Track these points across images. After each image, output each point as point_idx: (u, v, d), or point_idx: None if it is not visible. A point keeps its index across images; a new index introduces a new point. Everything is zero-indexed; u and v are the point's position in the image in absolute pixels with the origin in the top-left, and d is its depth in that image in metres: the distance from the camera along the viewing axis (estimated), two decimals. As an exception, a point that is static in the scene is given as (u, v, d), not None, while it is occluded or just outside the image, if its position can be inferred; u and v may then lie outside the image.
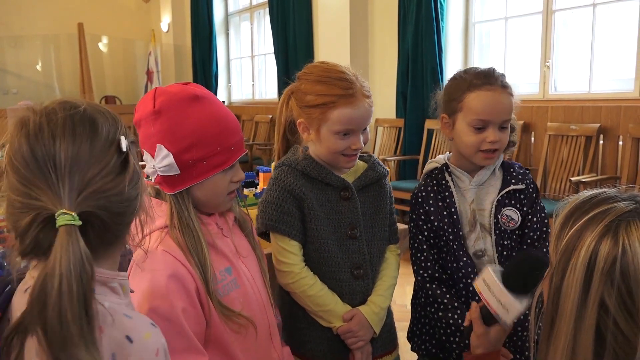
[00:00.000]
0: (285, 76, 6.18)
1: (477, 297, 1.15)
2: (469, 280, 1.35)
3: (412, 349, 1.51)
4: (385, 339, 1.43)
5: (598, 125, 3.62)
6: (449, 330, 1.35)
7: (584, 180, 3.38)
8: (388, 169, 1.47)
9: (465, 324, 1.17)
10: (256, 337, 1.15)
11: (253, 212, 1.47)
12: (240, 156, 1.15)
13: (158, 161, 1.07)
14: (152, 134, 1.08)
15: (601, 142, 3.65)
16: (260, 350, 1.19)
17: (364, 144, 1.33)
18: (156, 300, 1.01)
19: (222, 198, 1.15)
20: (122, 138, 0.75)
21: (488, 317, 1.12)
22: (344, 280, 1.37)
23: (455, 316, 1.34)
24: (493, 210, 1.37)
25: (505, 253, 1.37)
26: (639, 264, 0.71)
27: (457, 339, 1.34)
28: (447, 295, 1.36)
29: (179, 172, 1.08)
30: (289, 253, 1.34)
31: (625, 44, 3.69)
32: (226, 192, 1.15)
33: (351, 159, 1.34)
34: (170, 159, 1.06)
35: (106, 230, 0.72)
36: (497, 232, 1.36)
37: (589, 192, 0.82)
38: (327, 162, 1.37)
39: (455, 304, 1.35)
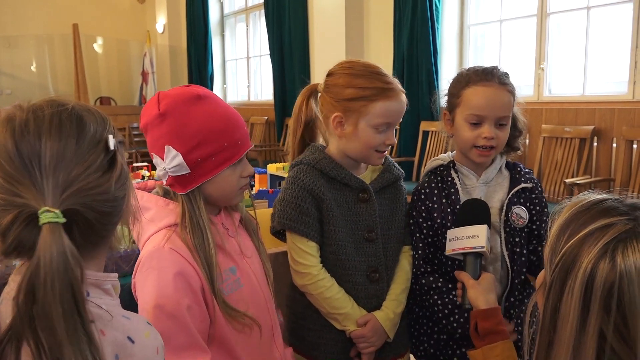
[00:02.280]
0: (280, 78, 6.22)
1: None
2: None
3: (410, 351, 1.51)
4: (397, 343, 1.42)
5: (592, 127, 3.64)
6: (446, 311, 1.36)
7: (578, 182, 3.40)
8: (403, 171, 1.47)
9: (458, 293, 1.27)
10: (260, 336, 1.16)
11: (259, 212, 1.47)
12: (247, 150, 1.16)
13: (167, 162, 1.09)
14: (160, 137, 1.10)
15: (595, 144, 3.67)
16: (262, 350, 1.20)
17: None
18: (162, 298, 1.02)
19: (233, 193, 1.17)
20: (110, 137, 0.73)
21: (471, 265, 1.24)
22: (360, 284, 1.36)
23: (451, 296, 1.35)
24: (504, 209, 1.38)
25: (517, 250, 1.38)
26: (635, 291, 0.71)
27: (456, 317, 1.35)
28: (441, 280, 1.38)
29: (189, 171, 1.09)
30: (306, 254, 1.33)
31: (618, 46, 3.71)
32: (237, 188, 1.17)
33: (383, 155, 1.35)
34: (180, 158, 1.08)
35: (91, 230, 0.70)
36: (507, 229, 1.37)
37: (586, 200, 0.80)
38: (358, 158, 1.36)
39: (450, 286, 1.36)
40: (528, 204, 1.41)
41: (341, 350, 1.37)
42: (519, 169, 1.45)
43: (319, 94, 1.38)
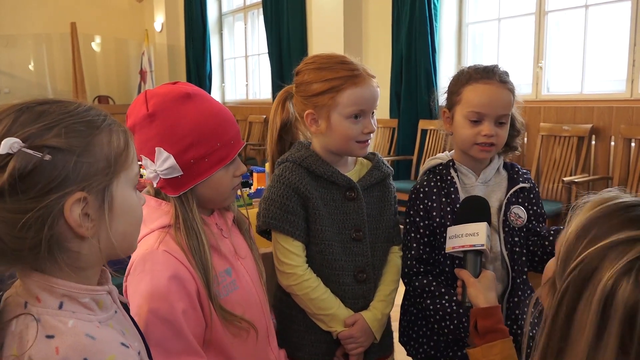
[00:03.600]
0: (279, 76, 6.21)
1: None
2: None
3: (409, 354, 1.49)
4: (382, 344, 1.40)
5: (590, 125, 3.64)
6: (437, 316, 1.34)
7: (576, 180, 3.40)
8: (392, 169, 1.44)
9: (458, 291, 1.26)
10: (257, 339, 1.15)
11: (251, 212, 1.46)
12: (240, 149, 1.13)
13: (159, 164, 1.05)
14: (150, 138, 1.06)
15: (593, 142, 3.67)
16: (258, 352, 1.18)
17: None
18: (156, 302, 1.00)
19: (226, 194, 1.14)
20: (5, 141, 0.67)
21: (471, 263, 1.23)
22: (347, 284, 1.33)
23: (443, 301, 1.34)
24: (503, 208, 1.38)
25: (516, 249, 1.38)
26: None
27: (447, 322, 1.34)
28: (434, 283, 1.37)
29: (182, 173, 1.06)
30: (292, 254, 1.30)
31: (617, 44, 3.72)
32: (230, 187, 1.14)
33: (364, 145, 1.31)
34: (172, 160, 1.04)
35: (5, 245, 0.68)
36: (506, 229, 1.37)
37: (614, 201, 0.74)
38: (340, 152, 1.33)
39: (442, 290, 1.35)
40: (526, 204, 1.41)
41: (326, 352, 1.35)
42: (516, 169, 1.45)
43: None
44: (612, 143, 3.58)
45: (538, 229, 1.42)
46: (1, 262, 0.71)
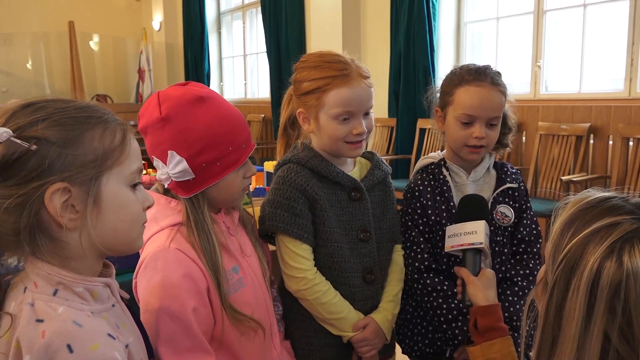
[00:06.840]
0: (277, 75, 6.22)
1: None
2: None
3: (404, 352, 1.49)
4: (386, 345, 1.38)
5: (588, 124, 3.65)
6: (450, 316, 1.35)
7: (574, 179, 3.41)
8: (390, 167, 1.43)
9: (458, 290, 1.27)
10: (264, 338, 1.15)
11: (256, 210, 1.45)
12: (251, 152, 1.14)
13: (171, 168, 1.06)
14: (162, 141, 1.07)
15: (591, 141, 3.68)
16: (264, 351, 1.19)
17: (368, 130, 1.27)
18: (167, 300, 1.01)
19: (236, 195, 1.16)
20: None
21: (470, 261, 1.24)
22: (356, 286, 1.31)
23: (456, 301, 1.34)
24: (489, 208, 1.38)
25: (497, 249, 1.39)
26: None
27: (459, 324, 1.34)
28: (446, 283, 1.37)
29: (194, 176, 1.07)
30: (301, 258, 1.26)
31: (615, 44, 3.72)
32: (240, 189, 1.15)
33: (355, 146, 1.27)
34: (184, 164, 1.05)
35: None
36: (492, 228, 1.38)
37: (591, 197, 0.79)
38: (331, 152, 1.30)
39: (455, 290, 1.35)
40: (512, 203, 1.43)
41: (336, 356, 1.34)
42: (505, 169, 1.46)
43: None
44: (610, 142, 3.59)
45: (522, 229, 1.43)
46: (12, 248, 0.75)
